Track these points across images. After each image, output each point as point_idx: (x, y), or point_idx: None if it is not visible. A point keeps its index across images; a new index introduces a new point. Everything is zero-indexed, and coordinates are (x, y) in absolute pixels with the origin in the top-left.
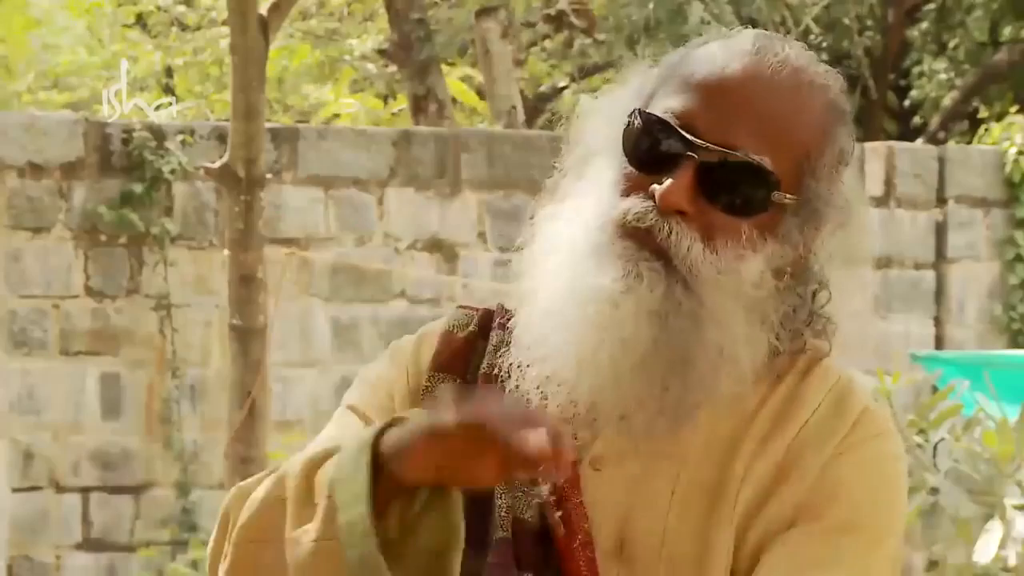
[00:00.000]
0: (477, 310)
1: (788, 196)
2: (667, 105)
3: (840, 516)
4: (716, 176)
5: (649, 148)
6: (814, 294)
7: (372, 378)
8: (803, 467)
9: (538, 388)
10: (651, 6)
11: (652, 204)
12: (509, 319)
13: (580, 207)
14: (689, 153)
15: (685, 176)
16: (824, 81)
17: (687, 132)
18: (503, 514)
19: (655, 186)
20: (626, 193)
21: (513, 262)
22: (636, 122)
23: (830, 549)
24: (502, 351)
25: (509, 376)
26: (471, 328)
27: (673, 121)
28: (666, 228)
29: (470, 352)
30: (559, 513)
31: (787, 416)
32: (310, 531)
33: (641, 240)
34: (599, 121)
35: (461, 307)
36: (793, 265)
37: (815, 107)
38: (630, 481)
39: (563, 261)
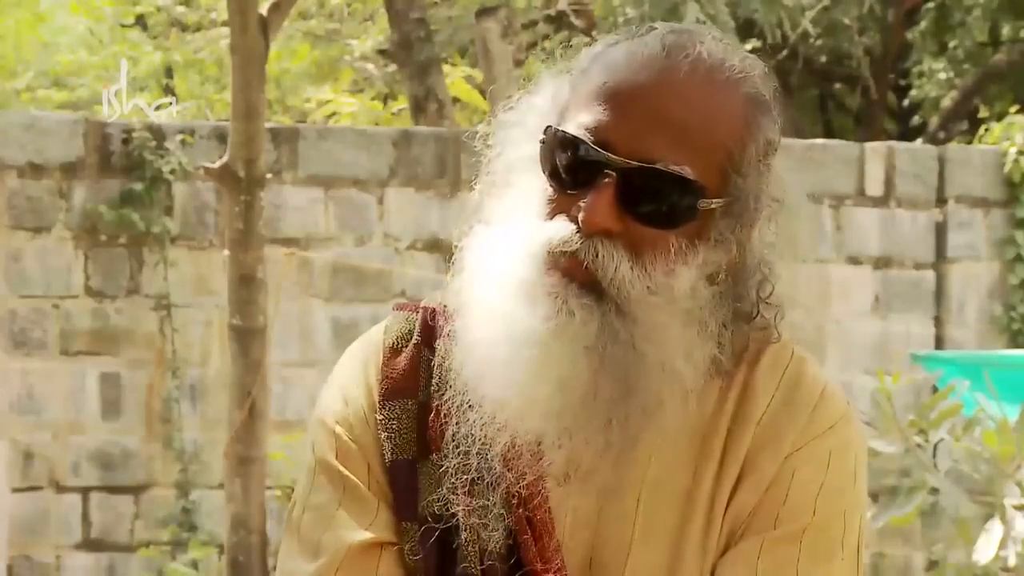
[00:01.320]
0: (416, 310)
1: (715, 201)
2: (580, 120)
3: (795, 520)
4: (637, 190)
5: (567, 167)
6: (758, 287)
7: (331, 422)
8: (759, 470)
9: (481, 429)
10: (646, 6)
11: (576, 227)
12: (449, 321)
13: (506, 232)
14: (607, 170)
15: (606, 194)
16: (741, 74)
17: (602, 147)
18: (470, 548)
19: (578, 207)
20: (550, 215)
21: (446, 281)
22: (551, 140)
23: (786, 558)
24: (449, 362)
25: (463, 393)
26: (414, 339)
27: (587, 138)
28: (592, 250)
29: (417, 368)
30: (529, 537)
31: (744, 413)
32: None
33: (568, 270)
34: (516, 135)
35: (398, 307)
36: (729, 265)
37: (733, 104)
38: (596, 492)
39: (494, 296)
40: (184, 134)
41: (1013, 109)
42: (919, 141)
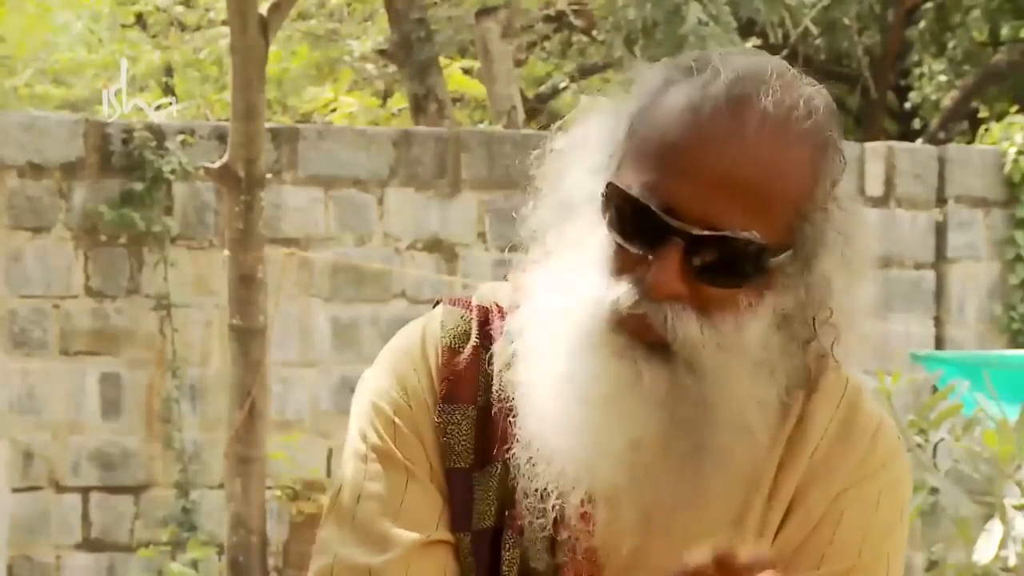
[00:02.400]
0: (469, 308)
1: (781, 258)
2: (642, 179)
3: (840, 561)
4: (705, 255)
5: (631, 226)
6: (816, 311)
7: (389, 410)
8: (808, 506)
9: (551, 485)
10: (648, 7)
11: (642, 288)
12: (506, 321)
13: (572, 280)
14: (673, 236)
15: (673, 258)
16: (809, 121)
17: (668, 212)
18: (505, 567)
19: (644, 267)
20: (615, 272)
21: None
22: (614, 196)
23: None
24: (512, 369)
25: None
26: (473, 341)
27: (651, 201)
28: (660, 315)
29: (477, 371)
30: (571, 558)
31: (798, 444)
32: None
33: (636, 330)
34: (574, 168)
35: (451, 303)
36: (795, 305)
37: (802, 159)
38: (642, 518)
39: (560, 354)
40: (184, 134)
41: (1013, 109)
42: (919, 141)
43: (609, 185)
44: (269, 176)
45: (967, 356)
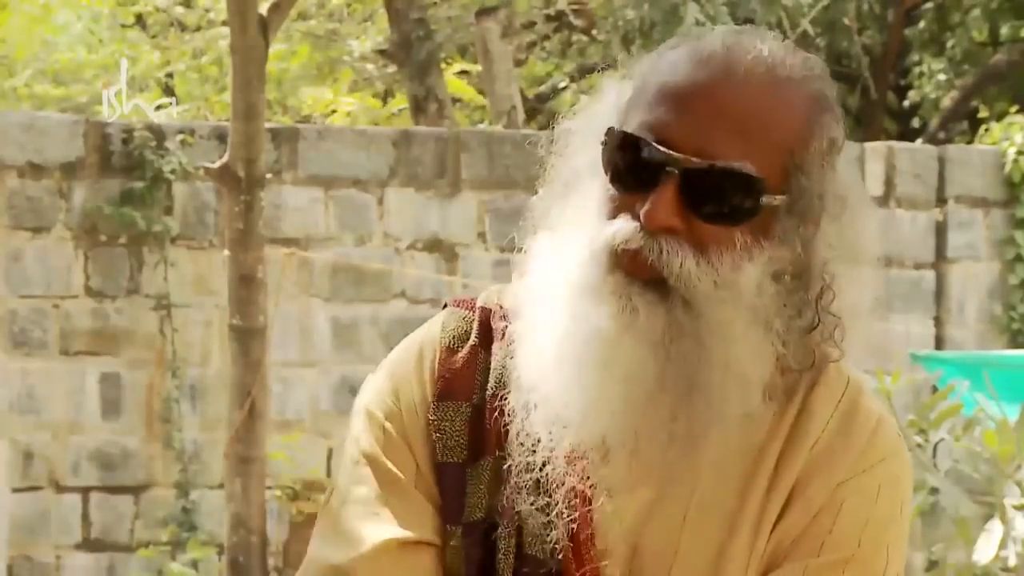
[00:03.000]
0: (472, 309)
1: (777, 197)
2: (641, 120)
3: (840, 550)
4: (700, 187)
5: (628, 166)
6: (819, 295)
7: (380, 416)
8: (809, 496)
9: (547, 430)
10: (646, 7)
11: (639, 225)
12: (508, 324)
13: (570, 235)
14: (669, 168)
15: (668, 191)
16: (803, 73)
17: (664, 145)
18: (501, 556)
19: (641, 206)
20: (612, 215)
21: (513, 275)
22: (613, 141)
23: None
24: (509, 367)
25: (518, 399)
26: (472, 340)
27: (648, 136)
28: (656, 248)
29: (473, 370)
30: (570, 546)
31: (798, 437)
32: None
33: (632, 268)
34: (579, 141)
35: (455, 304)
36: (793, 265)
37: (795, 102)
38: (642, 508)
39: (558, 298)
40: (184, 134)
41: (1013, 109)
42: (919, 141)
43: (609, 130)
44: (269, 176)
45: (967, 356)
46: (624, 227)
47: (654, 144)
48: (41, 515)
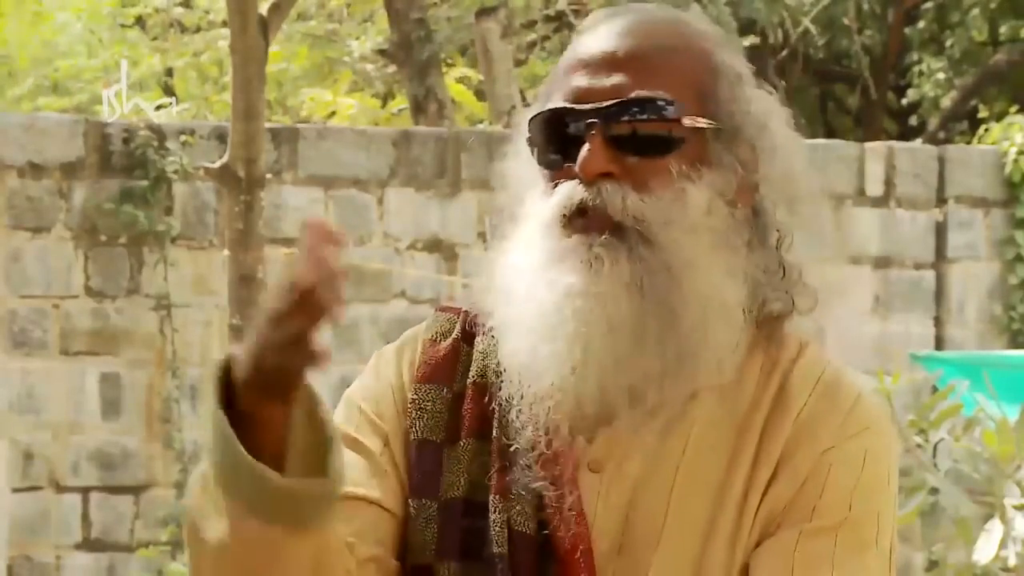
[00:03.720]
0: (459, 312)
1: (699, 120)
2: (556, 97)
3: (831, 515)
4: (623, 127)
5: (555, 141)
6: (777, 243)
7: (358, 398)
8: (795, 464)
9: (534, 407)
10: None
11: (577, 181)
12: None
13: (524, 229)
14: (590, 121)
15: (595, 141)
16: (700, 22)
17: (578, 103)
18: (498, 529)
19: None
20: (552, 189)
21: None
22: (535, 127)
23: (822, 550)
24: (491, 357)
25: (500, 386)
26: (455, 335)
27: (563, 104)
28: (597, 193)
29: (455, 360)
30: (560, 522)
31: (782, 408)
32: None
33: (583, 223)
34: (519, 146)
35: (442, 309)
36: (739, 194)
37: (695, 41)
38: (629, 481)
39: (529, 278)
40: (184, 134)
41: (1013, 109)
42: (919, 141)
43: (530, 121)
44: (269, 176)
45: (967, 356)
46: (564, 189)
47: (569, 105)
48: (41, 515)
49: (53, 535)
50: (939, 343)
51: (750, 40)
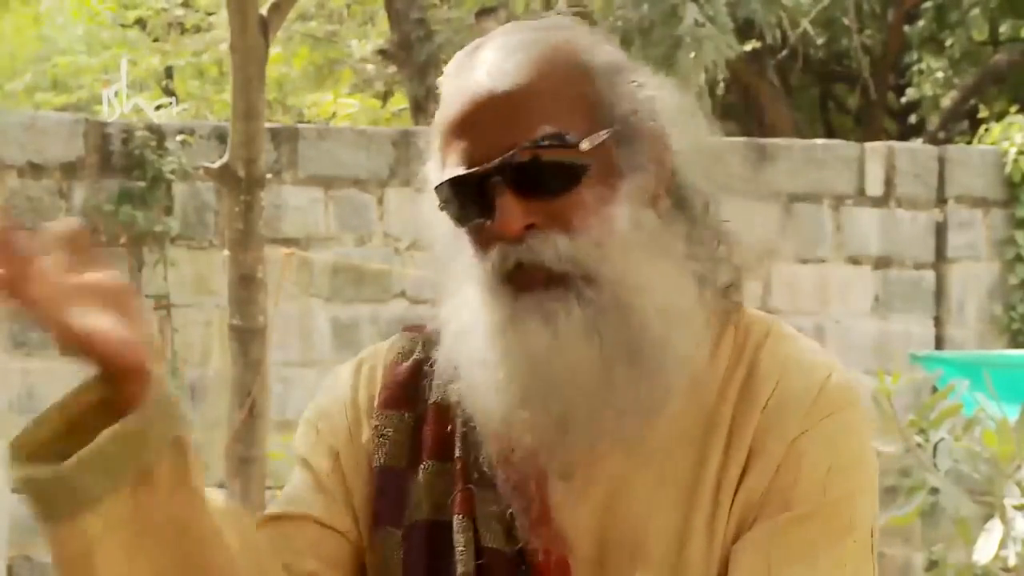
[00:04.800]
0: (423, 330)
1: (595, 136)
2: (449, 163)
3: (807, 503)
4: (525, 176)
5: (465, 206)
6: (705, 208)
7: (313, 418)
8: (766, 454)
9: (501, 428)
10: (646, 7)
11: (503, 243)
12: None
13: (464, 294)
14: (492, 179)
15: (505, 199)
16: (551, 28)
17: (474, 167)
18: (462, 548)
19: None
20: (483, 252)
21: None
22: (442, 195)
23: (799, 541)
24: (453, 379)
25: (461, 407)
26: (416, 355)
27: (457, 172)
28: (527, 250)
29: (418, 381)
30: (533, 535)
31: (749, 399)
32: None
33: (524, 281)
34: (434, 210)
35: (406, 329)
36: (659, 186)
37: (556, 55)
38: (602, 487)
39: (487, 346)
40: (184, 134)
41: (1013, 109)
42: (919, 141)
43: (436, 190)
44: (269, 176)
45: (967, 356)
46: (494, 254)
47: (468, 171)
48: None
49: None
50: (939, 343)
51: (751, 45)
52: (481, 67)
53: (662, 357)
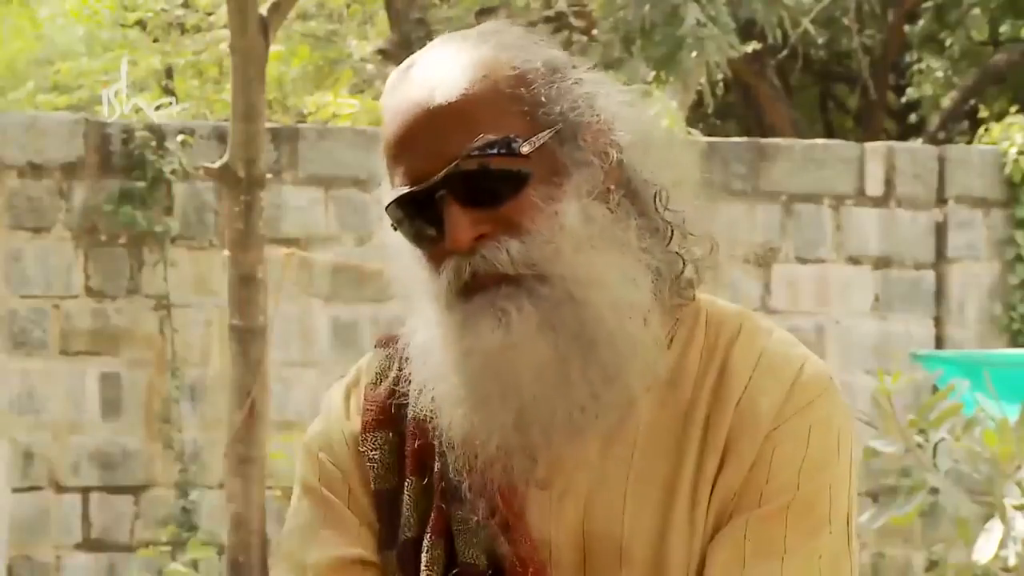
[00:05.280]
0: (395, 344)
1: (537, 138)
2: (395, 183)
3: (779, 497)
4: (469, 186)
5: (415, 222)
6: (655, 199)
7: (315, 448)
8: (741, 451)
9: (469, 439)
10: (647, 8)
11: (458, 256)
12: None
13: (426, 311)
14: (437, 194)
15: (452, 212)
16: (483, 34)
17: (417, 183)
18: (425, 569)
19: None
20: (438, 266)
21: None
22: (392, 215)
23: (773, 535)
24: (425, 392)
25: (436, 416)
26: (393, 374)
27: (403, 191)
28: (480, 260)
29: (395, 399)
30: (509, 548)
31: (723, 396)
32: None
33: (478, 288)
34: (394, 237)
35: (379, 345)
36: (607, 180)
37: (488, 60)
38: (580, 494)
39: (444, 354)
40: (184, 134)
41: (1013, 109)
42: (919, 141)
43: (386, 210)
44: (269, 176)
45: (967, 356)
46: (449, 268)
47: (412, 189)
48: (41, 515)
49: (53, 535)
50: (939, 343)
51: (752, 46)
52: (416, 83)
53: (618, 350)
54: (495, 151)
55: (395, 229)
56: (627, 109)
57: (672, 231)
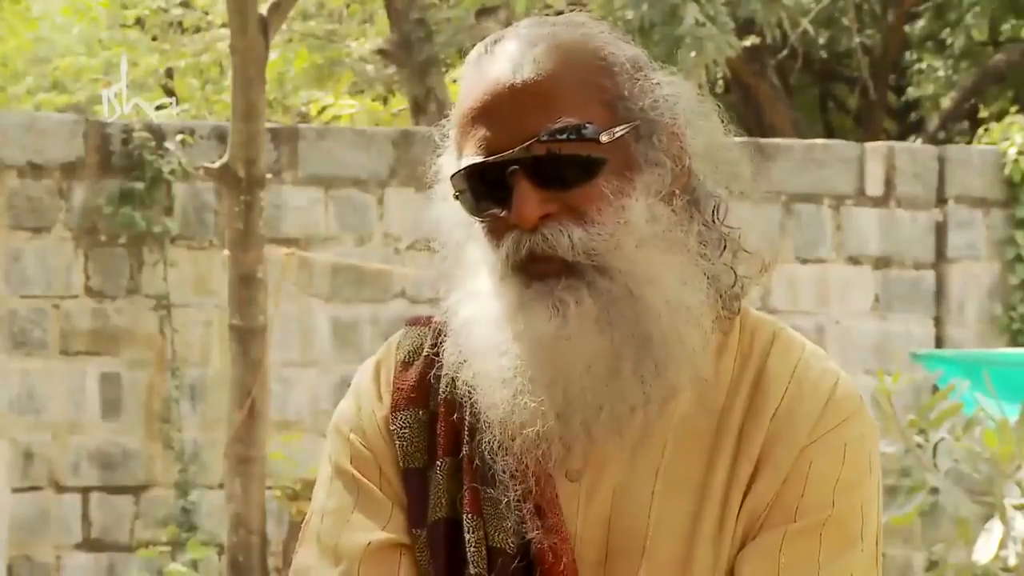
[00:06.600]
0: (429, 324)
1: (616, 130)
2: (467, 152)
3: (814, 514)
4: (544, 166)
5: (481, 194)
6: (714, 211)
7: (346, 430)
8: (775, 462)
9: (508, 423)
10: (646, 7)
11: (519, 231)
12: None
13: (478, 282)
14: (510, 168)
15: (522, 188)
16: (573, 24)
17: (493, 156)
18: (473, 549)
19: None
20: (498, 240)
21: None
22: (458, 184)
23: (807, 551)
24: (460, 371)
25: (470, 399)
26: (425, 352)
27: (478, 160)
28: (542, 239)
29: (426, 379)
30: (540, 535)
31: (758, 406)
32: None
33: (537, 270)
34: (450, 205)
35: (411, 321)
36: (675, 183)
37: (577, 46)
38: (609, 489)
39: (496, 333)
40: (184, 134)
41: (1013, 109)
42: (919, 141)
43: (451, 179)
44: (269, 176)
45: (967, 356)
46: (508, 241)
47: (487, 159)
48: (41, 515)
49: (53, 535)
50: (939, 343)
51: (750, 40)
52: (502, 57)
53: (670, 351)
54: (573, 135)
55: (456, 198)
56: (702, 119)
57: (726, 244)
